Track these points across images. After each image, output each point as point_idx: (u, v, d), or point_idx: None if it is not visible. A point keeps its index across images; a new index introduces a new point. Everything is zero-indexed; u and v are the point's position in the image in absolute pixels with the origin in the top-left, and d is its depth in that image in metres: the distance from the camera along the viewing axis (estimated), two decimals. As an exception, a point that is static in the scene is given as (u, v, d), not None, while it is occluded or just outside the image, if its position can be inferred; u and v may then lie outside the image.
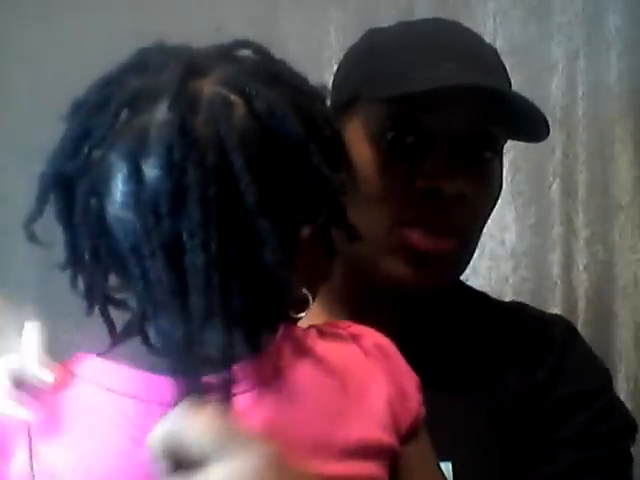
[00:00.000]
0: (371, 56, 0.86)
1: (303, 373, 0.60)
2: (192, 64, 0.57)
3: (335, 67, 0.93)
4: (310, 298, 0.63)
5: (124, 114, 0.55)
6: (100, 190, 0.56)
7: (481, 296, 0.96)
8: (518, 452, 0.83)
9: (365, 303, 0.88)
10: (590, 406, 0.84)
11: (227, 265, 0.54)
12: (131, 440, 0.56)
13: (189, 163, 0.53)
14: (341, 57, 0.94)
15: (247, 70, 0.59)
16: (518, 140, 0.88)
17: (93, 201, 0.56)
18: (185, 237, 0.53)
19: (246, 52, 0.61)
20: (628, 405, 0.91)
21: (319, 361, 0.61)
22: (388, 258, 0.82)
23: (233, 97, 0.56)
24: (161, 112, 0.54)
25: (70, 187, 0.57)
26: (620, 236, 1.43)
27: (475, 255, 0.90)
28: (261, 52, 0.62)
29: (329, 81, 0.93)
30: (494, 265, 1.44)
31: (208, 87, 0.56)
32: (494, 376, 0.86)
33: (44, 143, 0.60)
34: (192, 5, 1.47)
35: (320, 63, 1.44)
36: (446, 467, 0.80)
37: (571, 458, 0.82)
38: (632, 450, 0.87)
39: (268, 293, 0.57)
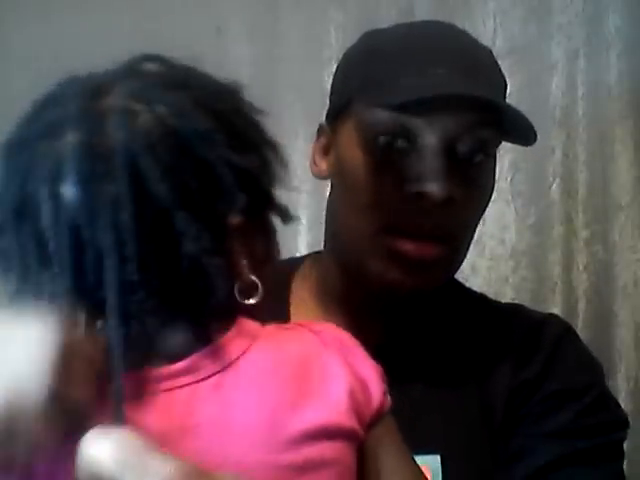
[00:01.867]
0: (365, 60, 0.86)
1: (258, 361, 0.61)
2: (93, 86, 0.60)
3: (335, 67, 0.93)
4: (259, 284, 0.63)
5: (42, 147, 0.59)
6: (33, 221, 0.58)
7: (478, 297, 0.96)
8: (507, 446, 0.83)
9: (359, 302, 0.88)
10: (579, 400, 0.84)
11: (151, 262, 0.56)
12: None
13: (98, 176, 0.56)
14: (341, 57, 0.94)
15: (149, 81, 0.62)
16: (509, 142, 0.89)
17: (28, 229, 0.58)
18: (106, 244, 0.55)
19: (152, 65, 0.64)
20: (628, 405, 0.91)
21: (276, 350, 0.62)
22: (378, 262, 0.83)
23: (135, 106, 0.59)
24: (69, 137, 0.58)
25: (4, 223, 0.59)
26: (620, 236, 1.43)
27: (475, 255, 0.90)
28: (165, 63, 0.64)
29: (329, 80, 0.94)
30: (494, 265, 1.44)
31: (111, 102, 0.59)
32: (486, 373, 0.86)
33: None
34: (192, 5, 1.48)
35: (320, 63, 1.44)
36: (434, 460, 0.81)
37: (557, 450, 0.82)
38: (625, 447, 0.87)
39: (202, 283, 0.59)
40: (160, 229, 0.57)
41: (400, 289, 0.83)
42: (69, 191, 0.57)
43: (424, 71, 0.81)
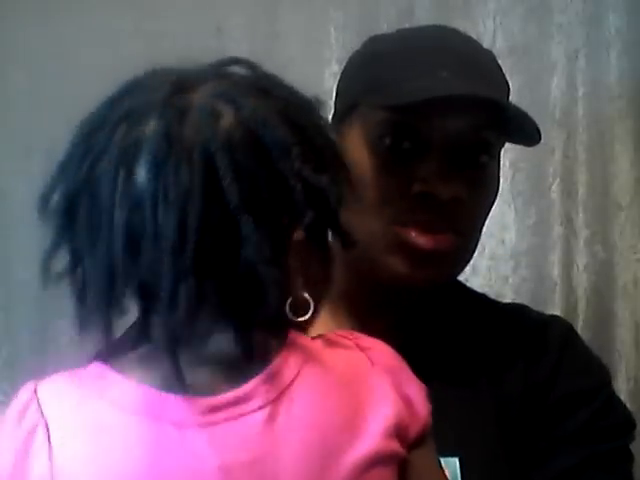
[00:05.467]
0: (370, 64, 0.87)
1: (312, 384, 0.61)
2: (182, 80, 0.61)
3: (335, 67, 0.94)
4: (311, 302, 0.63)
5: (120, 130, 0.60)
6: (101, 198, 0.59)
7: (481, 297, 0.97)
8: (522, 449, 0.84)
9: (368, 302, 0.89)
10: (591, 403, 0.85)
11: (210, 262, 0.57)
12: (151, 462, 0.57)
13: (174, 165, 0.57)
14: (341, 57, 0.94)
15: (237, 84, 0.63)
16: (512, 143, 0.90)
17: (95, 209, 0.59)
18: (172, 235, 0.56)
19: (238, 69, 0.65)
20: (628, 405, 0.92)
21: (327, 371, 0.62)
22: (387, 256, 0.83)
23: (221, 106, 0.60)
24: (152, 124, 0.58)
25: (75, 197, 0.60)
26: (620, 236, 1.43)
27: (475, 255, 0.90)
28: (252, 68, 0.65)
29: (329, 80, 0.94)
30: (494, 265, 1.44)
31: (197, 99, 0.60)
32: (497, 374, 0.87)
33: (44, 143, 0.61)
34: (192, 5, 1.47)
35: (320, 63, 1.44)
36: (454, 463, 0.81)
37: (575, 455, 0.83)
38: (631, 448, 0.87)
39: (255, 291, 0.58)
40: (224, 229, 0.57)
41: (412, 282, 0.83)
42: (140, 175, 0.57)
43: (429, 73, 0.82)
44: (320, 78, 1.42)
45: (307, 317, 0.63)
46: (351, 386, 0.62)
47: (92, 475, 0.57)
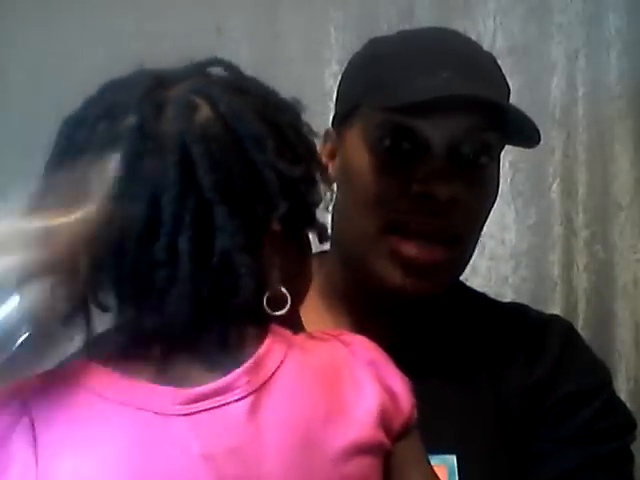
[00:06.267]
0: (370, 66, 0.88)
1: (295, 375, 0.61)
2: (161, 78, 0.63)
3: (335, 67, 0.94)
4: (288, 297, 0.63)
5: (101, 126, 0.61)
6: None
7: (481, 296, 0.97)
8: (522, 448, 0.84)
9: (365, 301, 0.89)
10: (592, 403, 0.85)
11: (183, 248, 0.58)
12: (134, 451, 0.57)
13: (150, 157, 0.58)
14: (341, 57, 0.94)
15: (214, 82, 0.64)
16: (512, 145, 0.90)
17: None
18: (148, 226, 0.57)
19: (219, 69, 0.66)
20: (628, 405, 0.91)
21: (308, 365, 0.62)
22: (380, 264, 0.83)
23: (198, 100, 0.61)
24: (130, 119, 0.60)
25: None
26: (620, 236, 1.43)
27: (475, 255, 0.90)
28: (231, 69, 0.66)
29: (329, 80, 0.94)
30: (494, 265, 1.44)
31: (175, 93, 0.62)
32: (497, 372, 0.87)
33: (43, 143, 0.62)
34: (192, 5, 1.48)
35: (320, 63, 1.44)
36: (452, 460, 0.81)
37: (577, 455, 0.83)
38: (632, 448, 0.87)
39: (230, 281, 0.59)
40: (199, 219, 0.58)
41: (403, 293, 0.83)
42: (118, 168, 0.58)
43: (428, 74, 0.82)
44: (320, 78, 1.42)
45: (284, 312, 0.63)
46: (334, 377, 0.63)
47: (77, 465, 0.58)
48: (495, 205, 0.90)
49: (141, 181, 0.58)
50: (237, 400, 0.59)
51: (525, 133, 0.84)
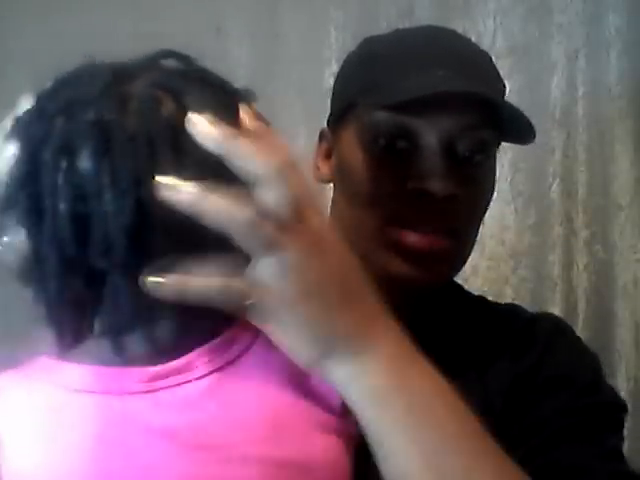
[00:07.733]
0: (365, 64, 0.88)
1: (262, 360, 0.62)
2: (119, 72, 0.62)
3: (335, 67, 0.94)
4: None
5: (59, 122, 0.60)
6: (42, 190, 0.59)
7: (477, 299, 0.97)
8: (506, 436, 0.84)
9: None
10: (573, 385, 0.84)
11: (147, 239, 0.57)
12: (96, 435, 0.58)
13: (118, 153, 0.57)
14: (341, 57, 0.94)
15: (173, 73, 0.63)
16: (508, 142, 0.90)
17: (38, 202, 0.59)
18: (123, 220, 0.56)
19: (170, 62, 0.65)
20: (628, 405, 0.91)
21: (277, 351, 0.62)
22: (383, 255, 0.83)
23: (161, 94, 0.60)
24: (92, 114, 0.59)
25: (16, 192, 0.60)
26: (620, 236, 1.43)
27: (475, 255, 0.90)
28: (184, 60, 0.65)
29: (329, 80, 0.94)
30: (494, 265, 1.44)
31: (137, 88, 0.61)
32: (485, 368, 0.87)
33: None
34: (192, 5, 1.48)
35: (320, 63, 1.44)
36: None
37: (552, 427, 0.81)
38: (625, 450, 0.86)
39: None
40: (162, 215, 0.58)
41: (406, 282, 0.83)
42: (83, 164, 0.58)
43: (423, 73, 0.82)
44: (320, 78, 1.42)
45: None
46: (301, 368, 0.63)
47: (40, 455, 0.58)
48: (495, 205, 0.90)
49: (113, 177, 0.57)
50: (198, 378, 0.60)
51: (521, 130, 0.84)
